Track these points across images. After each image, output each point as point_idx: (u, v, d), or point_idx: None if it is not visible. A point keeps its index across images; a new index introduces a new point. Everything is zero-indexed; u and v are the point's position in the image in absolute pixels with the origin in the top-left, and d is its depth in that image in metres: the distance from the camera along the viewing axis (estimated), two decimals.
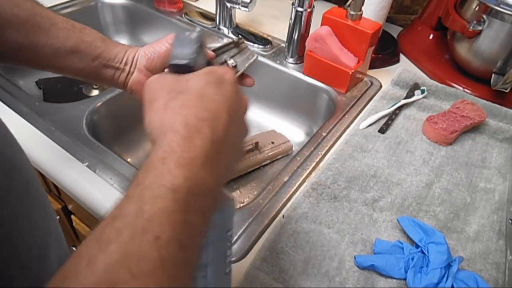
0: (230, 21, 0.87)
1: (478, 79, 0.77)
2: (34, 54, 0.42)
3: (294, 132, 0.83)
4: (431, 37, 0.86)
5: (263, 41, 0.85)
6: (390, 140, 0.64)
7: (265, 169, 0.72)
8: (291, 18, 0.75)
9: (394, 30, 0.94)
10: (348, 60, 0.70)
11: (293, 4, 0.73)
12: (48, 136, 0.59)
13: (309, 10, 0.73)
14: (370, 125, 0.67)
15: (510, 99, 0.73)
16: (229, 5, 0.82)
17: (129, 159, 0.73)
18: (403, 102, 0.71)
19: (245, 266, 0.45)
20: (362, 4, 0.66)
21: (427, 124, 0.66)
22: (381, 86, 0.76)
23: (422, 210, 0.54)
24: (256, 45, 0.84)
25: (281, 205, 0.52)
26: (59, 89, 0.86)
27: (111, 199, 0.51)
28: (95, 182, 0.54)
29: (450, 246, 0.47)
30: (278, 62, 0.81)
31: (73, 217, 0.76)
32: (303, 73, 0.77)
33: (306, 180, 0.56)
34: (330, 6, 0.73)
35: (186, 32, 0.33)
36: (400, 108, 0.70)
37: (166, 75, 0.32)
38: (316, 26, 0.72)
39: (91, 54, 0.44)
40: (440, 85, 0.74)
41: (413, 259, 0.46)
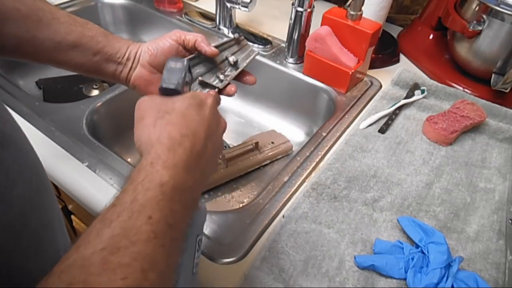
0: (230, 21, 0.87)
1: (478, 79, 0.77)
2: (35, 48, 0.42)
3: (294, 132, 0.83)
4: (431, 37, 0.86)
5: (263, 41, 0.85)
6: (390, 140, 0.64)
7: (265, 169, 0.72)
8: (291, 18, 0.75)
9: (394, 30, 0.94)
10: (348, 60, 0.70)
11: (293, 4, 0.73)
12: (48, 136, 0.59)
13: (309, 10, 0.73)
14: (370, 125, 0.67)
15: (510, 99, 0.73)
16: (229, 5, 0.82)
17: (129, 159, 0.73)
18: (403, 102, 0.71)
19: (245, 266, 0.45)
20: (362, 4, 0.67)
21: (427, 124, 0.66)
22: (381, 86, 0.76)
23: (422, 210, 0.54)
24: (256, 45, 0.84)
25: (281, 205, 0.52)
26: (59, 89, 0.86)
27: None
28: (95, 182, 0.54)
29: (450, 246, 0.47)
30: (278, 62, 0.80)
31: (73, 217, 0.76)
32: (303, 73, 0.77)
33: (306, 180, 0.56)
34: (330, 6, 0.73)
35: (175, 61, 0.40)
36: (400, 108, 0.70)
37: (155, 97, 0.37)
38: (316, 26, 0.72)
39: (93, 48, 0.44)
40: (440, 85, 0.74)
41: (413, 259, 0.46)
